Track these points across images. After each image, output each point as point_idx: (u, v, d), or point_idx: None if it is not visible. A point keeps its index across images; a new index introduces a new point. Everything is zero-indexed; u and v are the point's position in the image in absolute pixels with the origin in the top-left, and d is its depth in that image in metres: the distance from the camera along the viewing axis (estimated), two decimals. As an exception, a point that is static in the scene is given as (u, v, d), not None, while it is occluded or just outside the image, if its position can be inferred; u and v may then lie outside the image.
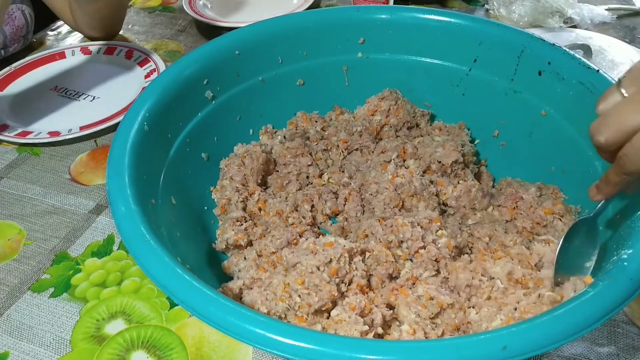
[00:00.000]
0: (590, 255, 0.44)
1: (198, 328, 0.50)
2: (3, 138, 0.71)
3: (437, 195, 0.56)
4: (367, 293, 0.47)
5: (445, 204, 0.57)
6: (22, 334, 0.50)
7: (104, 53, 0.88)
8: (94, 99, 0.79)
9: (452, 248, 0.48)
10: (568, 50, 0.54)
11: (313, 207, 0.57)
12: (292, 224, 0.54)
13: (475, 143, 0.64)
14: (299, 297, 0.43)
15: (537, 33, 0.58)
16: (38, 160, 0.70)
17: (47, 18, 0.96)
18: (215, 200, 0.57)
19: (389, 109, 0.64)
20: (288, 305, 0.44)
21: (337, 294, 0.44)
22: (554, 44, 0.55)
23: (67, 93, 0.81)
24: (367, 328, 0.42)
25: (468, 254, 0.50)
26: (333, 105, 0.68)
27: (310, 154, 0.62)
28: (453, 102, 0.64)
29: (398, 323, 0.45)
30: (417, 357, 0.32)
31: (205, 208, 0.57)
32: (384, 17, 0.63)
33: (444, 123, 0.66)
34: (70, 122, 0.74)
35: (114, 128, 0.64)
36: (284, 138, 0.64)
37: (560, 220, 0.52)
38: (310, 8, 0.96)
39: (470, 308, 0.45)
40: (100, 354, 0.48)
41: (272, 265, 0.49)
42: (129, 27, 0.98)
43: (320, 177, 0.61)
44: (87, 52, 0.88)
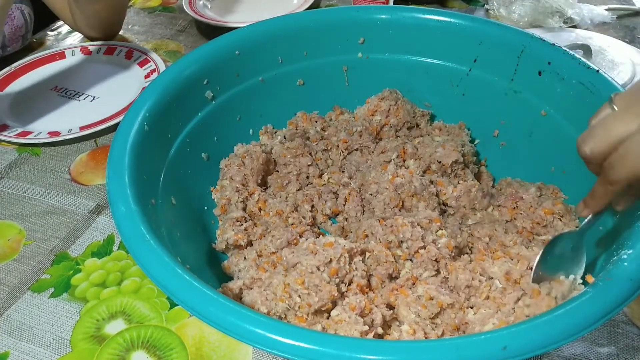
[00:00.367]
0: (572, 273, 0.43)
1: (198, 328, 0.50)
2: (3, 138, 0.71)
3: (437, 195, 0.56)
4: (367, 293, 0.47)
5: (445, 204, 0.57)
6: (22, 334, 0.50)
7: (104, 53, 0.88)
8: (94, 99, 0.79)
9: (452, 248, 0.48)
10: (568, 50, 0.54)
11: (313, 207, 0.57)
12: (292, 224, 0.54)
13: (475, 143, 0.64)
14: (299, 297, 0.43)
15: (537, 33, 0.58)
16: (38, 160, 0.70)
17: (47, 18, 0.96)
18: (215, 200, 0.57)
19: (389, 109, 0.64)
20: (288, 305, 0.44)
21: (337, 294, 0.44)
22: (554, 44, 0.55)
23: (67, 93, 0.81)
24: (367, 328, 0.42)
25: (468, 254, 0.50)
26: (333, 105, 0.68)
27: (310, 154, 0.62)
28: (453, 102, 0.64)
29: (398, 323, 0.45)
30: (417, 357, 0.32)
31: (205, 208, 0.57)
32: (384, 17, 0.63)
33: (444, 123, 0.66)
34: (70, 122, 0.74)
35: (114, 128, 0.64)
36: (284, 138, 0.64)
37: (560, 220, 0.52)
38: (310, 8, 0.96)
39: (469, 308, 0.45)
40: (100, 354, 0.48)
41: (272, 266, 0.49)
42: (129, 27, 0.98)
43: (320, 177, 0.61)
44: (87, 52, 0.88)
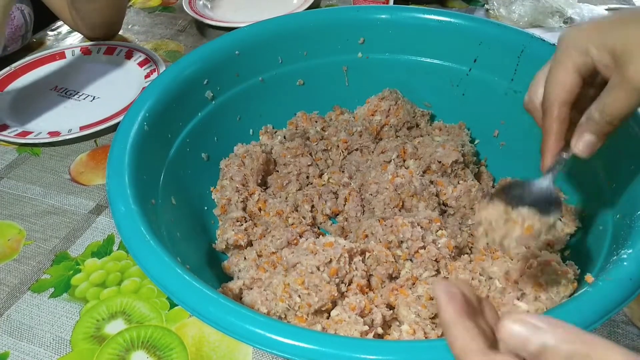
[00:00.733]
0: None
1: (198, 328, 0.50)
2: (3, 138, 0.71)
3: (437, 195, 0.56)
4: (367, 293, 0.47)
5: (445, 204, 0.57)
6: (22, 334, 0.50)
7: (104, 53, 0.88)
8: (94, 99, 0.79)
9: (452, 248, 0.48)
10: (568, 50, 0.54)
11: (313, 207, 0.57)
12: (292, 224, 0.54)
13: (475, 143, 0.64)
14: (299, 297, 0.43)
15: (537, 33, 0.58)
16: (38, 160, 0.70)
17: (47, 18, 0.96)
18: (215, 200, 0.57)
19: (389, 109, 0.64)
20: (288, 306, 0.44)
21: (337, 294, 0.44)
22: (554, 44, 0.55)
23: (67, 93, 0.81)
24: (367, 328, 0.42)
25: (468, 254, 0.50)
26: (333, 105, 0.68)
27: (310, 154, 0.62)
28: (453, 102, 0.64)
29: (398, 323, 0.45)
30: (417, 357, 0.32)
31: (205, 208, 0.57)
32: (384, 17, 0.63)
33: (444, 123, 0.66)
34: (70, 122, 0.74)
35: (114, 128, 0.64)
36: (284, 138, 0.64)
37: (560, 220, 0.52)
38: (310, 8, 0.96)
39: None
40: (100, 354, 0.48)
41: (272, 266, 0.49)
42: (129, 27, 0.98)
43: (320, 177, 0.61)
44: (87, 52, 0.88)
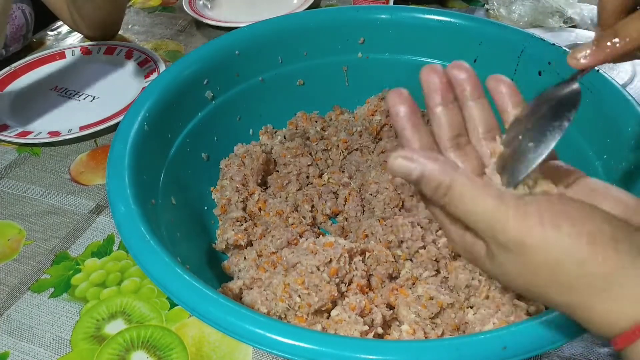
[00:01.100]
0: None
1: (198, 328, 0.50)
2: (3, 138, 0.71)
3: (437, 195, 0.56)
4: (367, 293, 0.47)
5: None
6: (22, 334, 0.50)
7: (104, 53, 0.88)
8: (94, 99, 0.79)
9: (452, 248, 0.48)
10: (568, 50, 0.54)
11: (313, 207, 0.57)
12: (292, 224, 0.54)
13: (475, 143, 0.64)
14: (299, 297, 0.43)
15: (537, 33, 0.58)
16: (38, 160, 0.70)
17: (47, 18, 0.96)
18: (215, 200, 0.57)
19: (389, 109, 0.64)
20: (288, 305, 0.44)
21: (337, 294, 0.44)
22: (554, 44, 0.55)
23: (67, 93, 0.81)
24: (367, 328, 0.42)
25: (468, 254, 0.50)
26: (333, 105, 0.68)
27: (310, 154, 0.62)
28: (453, 102, 0.64)
29: (398, 323, 0.45)
30: (417, 357, 0.32)
31: (205, 208, 0.57)
32: (384, 17, 0.63)
33: (444, 123, 0.66)
34: (70, 122, 0.74)
35: (114, 128, 0.64)
36: (284, 138, 0.64)
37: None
38: (310, 8, 0.96)
39: (469, 308, 0.45)
40: (100, 354, 0.48)
41: (272, 265, 0.49)
42: (129, 27, 0.98)
43: (320, 177, 0.61)
44: (87, 52, 0.88)
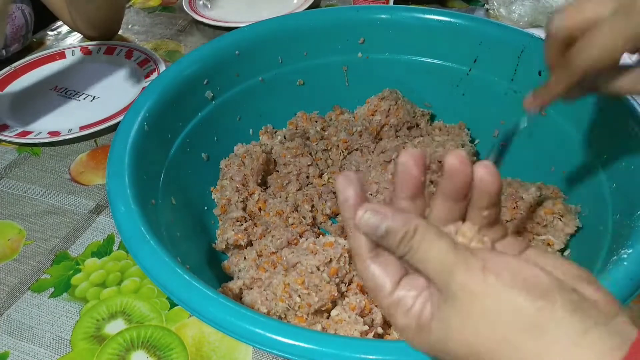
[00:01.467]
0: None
1: (198, 328, 0.50)
2: (3, 138, 0.71)
3: (437, 195, 0.56)
4: (367, 293, 0.47)
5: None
6: (22, 334, 0.50)
7: (104, 53, 0.88)
8: (94, 99, 0.79)
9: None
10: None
11: (313, 207, 0.57)
12: (292, 224, 0.54)
13: (475, 143, 0.64)
14: (299, 297, 0.43)
15: (537, 33, 0.58)
16: (38, 160, 0.70)
17: (47, 18, 0.96)
18: (215, 200, 0.57)
19: (389, 109, 0.64)
20: (288, 305, 0.44)
21: (337, 294, 0.44)
22: (554, 44, 0.55)
23: (67, 93, 0.81)
24: (367, 328, 0.42)
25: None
26: (333, 105, 0.68)
27: (310, 154, 0.62)
28: (453, 102, 0.64)
29: (398, 323, 0.45)
30: (417, 357, 0.32)
31: (205, 208, 0.57)
32: (384, 17, 0.63)
33: (444, 123, 0.66)
34: (70, 122, 0.74)
35: (114, 128, 0.64)
36: (284, 138, 0.64)
37: (560, 220, 0.52)
38: (310, 8, 0.96)
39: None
40: (100, 354, 0.48)
41: (272, 265, 0.49)
42: (129, 27, 0.98)
43: (320, 177, 0.61)
44: (87, 52, 0.88)
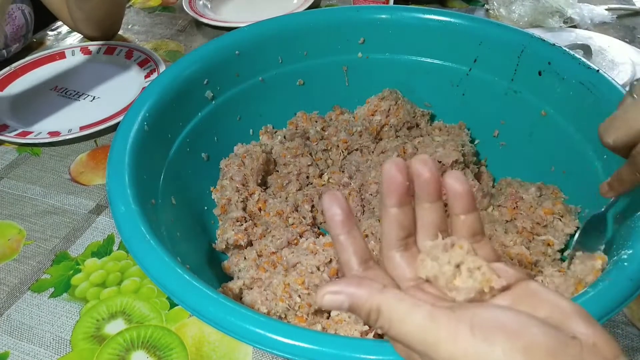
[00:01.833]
0: (599, 245, 0.46)
1: (198, 328, 0.50)
2: (3, 138, 0.71)
3: (437, 195, 0.56)
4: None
5: (446, 204, 0.57)
6: (22, 334, 0.50)
7: (104, 53, 0.88)
8: (94, 99, 0.79)
9: None
10: (568, 50, 0.54)
11: (313, 207, 0.57)
12: (292, 224, 0.54)
13: (475, 143, 0.64)
14: (299, 297, 0.43)
15: (537, 33, 0.58)
16: (38, 160, 0.70)
17: (47, 18, 0.96)
18: (215, 200, 0.57)
19: (389, 109, 0.64)
20: (288, 306, 0.44)
21: (337, 294, 0.44)
22: (554, 44, 0.55)
23: (67, 93, 0.81)
24: (367, 328, 0.42)
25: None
26: (333, 105, 0.68)
27: (310, 154, 0.62)
28: (453, 102, 0.64)
29: (398, 323, 0.45)
30: (417, 357, 0.32)
31: (205, 208, 0.57)
32: (384, 17, 0.63)
33: (444, 123, 0.66)
34: (70, 122, 0.74)
35: (114, 128, 0.64)
36: (284, 138, 0.64)
37: (560, 220, 0.52)
38: (310, 8, 0.96)
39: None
40: (100, 354, 0.48)
41: (272, 265, 0.49)
42: (129, 27, 0.98)
43: (320, 177, 0.61)
44: (87, 52, 0.88)
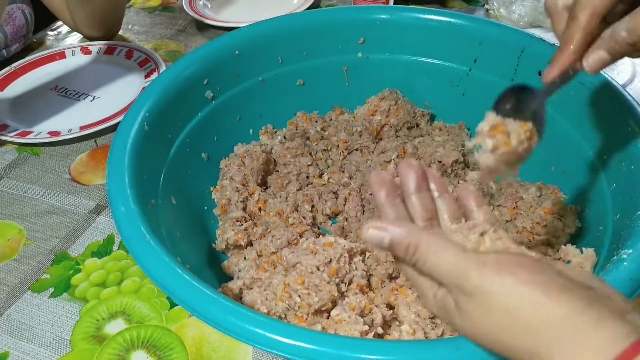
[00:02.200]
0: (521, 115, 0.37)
1: (198, 328, 0.50)
2: (3, 138, 0.71)
3: (437, 195, 0.56)
4: (367, 293, 0.47)
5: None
6: (22, 334, 0.50)
7: (104, 53, 0.88)
8: (94, 99, 0.79)
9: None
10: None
11: (313, 207, 0.57)
12: (292, 224, 0.54)
13: (476, 143, 0.64)
14: (299, 297, 0.43)
15: (537, 33, 0.58)
16: (38, 160, 0.70)
17: (47, 18, 0.96)
18: (215, 200, 0.57)
19: (389, 109, 0.64)
20: (288, 305, 0.44)
21: (337, 294, 0.44)
22: (554, 44, 0.55)
23: (67, 93, 0.81)
24: (367, 328, 0.42)
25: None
26: (333, 105, 0.68)
27: (310, 154, 0.62)
28: (453, 102, 0.64)
29: (398, 323, 0.45)
30: (417, 357, 0.32)
31: (205, 208, 0.57)
32: (384, 17, 0.63)
33: (444, 123, 0.66)
34: (70, 122, 0.74)
35: (114, 128, 0.64)
36: (284, 138, 0.64)
37: (560, 220, 0.52)
38: (310, 8, 0.96)
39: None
40: (100, 354, 0.48)
41: (272, 265, 0.49)
42: (129, 27, 0.98)
43: (320, 177, 0.61)
44: (87, 52, 0.88)
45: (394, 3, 0.87)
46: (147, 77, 0.81)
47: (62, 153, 0.71)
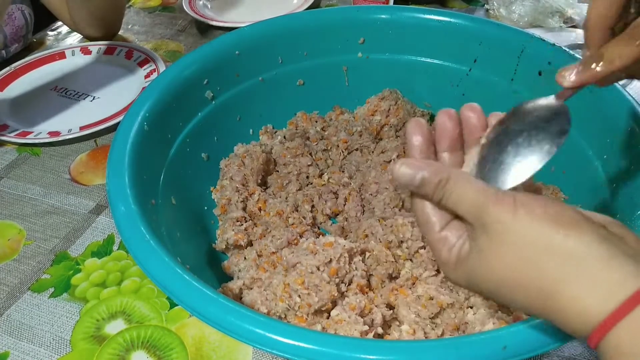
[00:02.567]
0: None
1: (198, 328, 0.50)
2: (3, 138, 0.71)
3: (437, 195, 0.56)
4: (367, 293, 0.47)
5: None
6: (22, 334, 0.50)
7: (104, 53, 0.88)
8: (94, 99, 0.79)
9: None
10: (568, 50, 0.54)
11: (313, 207, 0.57)
12: (292, 224, 0.54)
13: (475, 143, 0.64)
14: (299, 297, 0.43)
15: (537, 33, 0.58)
16: (38, 160, 0.70)
17: (47, 18, 0.96)
18: (215, 200, 0.57)
19: (389, 109, 0.64)
20: (288, 306, 0.44)
21: (337, 294, 0.44)
22: (554, 44, 0.55)
23: (67, 93, 0.81)
24: (367, 328, 0.42)
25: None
26: (333, 105, 0.68)
27: (310, 154, 0.62)
28: (453, 102, 0.64)
29: (398, 323, 0.45)
30: (417, 357, 0.32)
31: (205, 208, 0.57)
32: (384, 17, 0.63)
33: (444, 123, 0.66)
34: (70, 122, 0.74)
35: (114, 128, 0.64)
36: (284, 138, 0.64)
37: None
38: (310, 8, 0.96)
39: (469, 308, 0.45)
40: (100, 354, 0.48)
41: (272, 265, 0.49)
42: (129, 27, 0.98)
43: (320, 177, 0.61)
44: (87, 52, 0.88)
45: (394, 3, 0.87)
46: (147, 77, 0.81)
47: (62, 153, 0.71)
